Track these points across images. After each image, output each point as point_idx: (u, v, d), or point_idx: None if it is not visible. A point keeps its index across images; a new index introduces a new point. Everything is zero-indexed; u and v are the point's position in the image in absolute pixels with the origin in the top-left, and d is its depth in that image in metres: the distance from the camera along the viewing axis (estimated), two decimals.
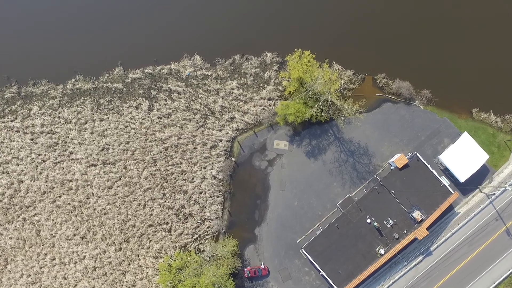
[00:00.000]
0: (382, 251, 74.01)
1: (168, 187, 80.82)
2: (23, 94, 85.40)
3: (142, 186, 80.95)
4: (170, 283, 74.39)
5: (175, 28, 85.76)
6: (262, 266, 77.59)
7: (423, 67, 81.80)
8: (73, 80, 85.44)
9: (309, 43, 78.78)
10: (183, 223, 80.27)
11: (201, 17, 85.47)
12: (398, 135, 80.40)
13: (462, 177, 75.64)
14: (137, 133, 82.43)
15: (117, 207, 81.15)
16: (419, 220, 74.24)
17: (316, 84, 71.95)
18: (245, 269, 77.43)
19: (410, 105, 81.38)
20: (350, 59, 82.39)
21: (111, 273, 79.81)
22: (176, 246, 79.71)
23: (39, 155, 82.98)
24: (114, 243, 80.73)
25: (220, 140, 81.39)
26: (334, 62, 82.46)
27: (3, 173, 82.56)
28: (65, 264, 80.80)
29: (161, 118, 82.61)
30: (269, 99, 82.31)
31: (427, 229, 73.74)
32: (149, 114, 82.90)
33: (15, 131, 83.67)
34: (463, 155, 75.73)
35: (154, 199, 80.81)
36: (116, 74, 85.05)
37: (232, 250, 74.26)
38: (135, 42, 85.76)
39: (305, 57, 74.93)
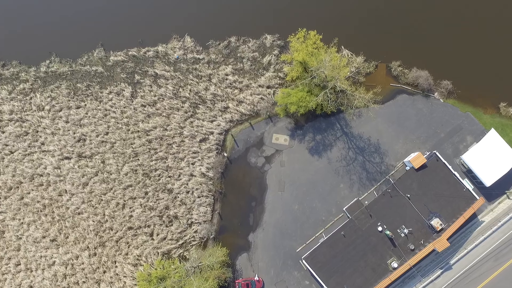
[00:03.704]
0: (395, 264, 64.33)
1: (151, 185, 71.17)
2: None
3: (122, 183, 71.32)
4: None
5: (163, 5, 76.30)
6: (256, 278, 67.94)
7: (444, 54, 72.08)
8: (47, 62, 76.16)
9: (314, 26, 68.86)
10: (166, 226, 70.60)
11: None
12: (414, 131, 70.79)
13: (488, 181, 65.99)
14: (117, 122, 72.92)
15: (93, 207, 71.57)
16: (438, 229, 64.58)
17: (324, 67, 62.08)
18: (237, 281, 67.80)
19: (429, 98, 71.86)
20: (360, 44, 72.64)
21: (84, 282, 70.08)
22: (158, 253, 69.98)
23: (6, 145, 73.58)
24: (88, 247, 71.05)
25: (211, 133, 71.75)
26: (342, 47, 72.76)
27: None
28: (31, 271, 71.01)
29: (145, 106, 73.03)
30: (268, 87, 72.67)
31: (448, 239, 63.97)
32: (132, 102, 73.38)
33: None
34: (490, 156, 66.29)
35: (134, 198, 71.19)
36: (96, 56, 75.63)
37: (221, 260, 64.48)
38: (118, 21, 76.36)
39: (311, 38, 65.22)
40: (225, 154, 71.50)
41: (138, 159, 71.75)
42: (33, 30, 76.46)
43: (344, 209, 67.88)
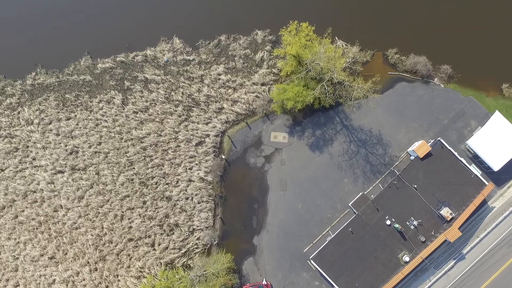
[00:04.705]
0: (406, 258, 62.08)
1: (149, 193, 68.78)
2: None
3: (118, 194, 68.93)
4: None
5: (149, 8, 73.99)
6: (264, 282, 65.62)
7: (442, 38, 69.86)
8: (33, 74, 73.69)
9: (306, 18, 66.63)
10: (168, 235, 68.19)
11: None
12: (416, 120, 68.54)
13: (496, 165, 63.78)
14: (110, 132, 70.52)
15: (90, 220, 69.16)
16: (449, 219, 62.31)
17: (319, 59, 59.75)
18: (244, 287, 65.50)
19: (429, 84, 69.61)
20: (355, 33, 70.20)
21: None
22: (161, 263, 67.62)
23: None
24: (88, 262, 68.70)
25: (207, 135, 69.37)
26: (336, 38, 70.48)
27: None
28: None
29: (137, 113, 70.63)
30: (263, 84, 70.29)
31: (459, 228, 61.74)
32: (123, 109, 70.97)
33: None
34: (496, 139, 64.04)
35: (133, 208, 68.78)
36: (83, 64, 73.21)
37: (226, 266, 62.14)
38: (103, 27, 73.95)
39: (303, 30, 62.94)
40: (223, 157, 69.16)
41: (134, 168, 69.37)
42: (15, 42, 74.13)
43: (349, 204, 65.61)
